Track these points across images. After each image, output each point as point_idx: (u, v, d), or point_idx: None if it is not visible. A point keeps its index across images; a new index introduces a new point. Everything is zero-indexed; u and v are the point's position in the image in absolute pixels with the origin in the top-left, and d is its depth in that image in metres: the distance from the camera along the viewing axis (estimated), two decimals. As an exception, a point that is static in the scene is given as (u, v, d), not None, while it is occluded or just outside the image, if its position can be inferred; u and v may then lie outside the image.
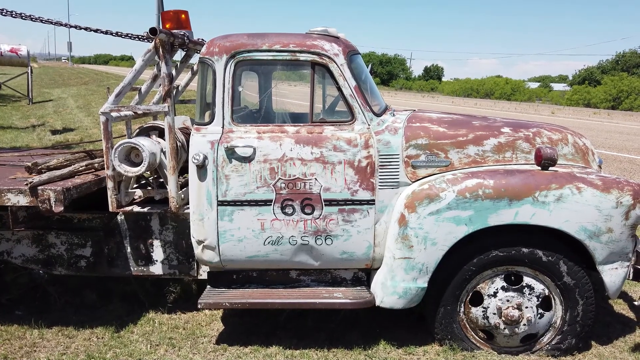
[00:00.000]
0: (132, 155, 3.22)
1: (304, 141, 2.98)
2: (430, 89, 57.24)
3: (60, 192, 3.02)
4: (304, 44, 3.02)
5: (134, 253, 3.44)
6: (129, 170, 3.14)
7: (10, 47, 20.11)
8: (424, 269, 2.88)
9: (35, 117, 15.21)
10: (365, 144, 2.97)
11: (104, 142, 3.19)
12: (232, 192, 3.00)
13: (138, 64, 3.24)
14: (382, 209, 2.99)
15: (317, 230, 3.01)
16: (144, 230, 3.41)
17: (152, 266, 3.45)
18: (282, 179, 2.98)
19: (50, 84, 28.92)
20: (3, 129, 12.39)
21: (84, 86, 26.74)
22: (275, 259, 3.09)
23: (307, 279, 3.22)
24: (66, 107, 17.69)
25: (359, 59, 3.37)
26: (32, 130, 12.78)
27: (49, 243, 3.44)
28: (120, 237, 3.43)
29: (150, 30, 3.00)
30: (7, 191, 3.05)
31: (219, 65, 3.02)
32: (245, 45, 3.03)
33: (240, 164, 2.99)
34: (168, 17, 3.53)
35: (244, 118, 3.19)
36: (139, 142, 3.13)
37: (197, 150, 3.01)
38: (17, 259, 3.47)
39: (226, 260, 3.11)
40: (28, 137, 11.61)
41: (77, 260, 3.46)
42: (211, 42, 3.10)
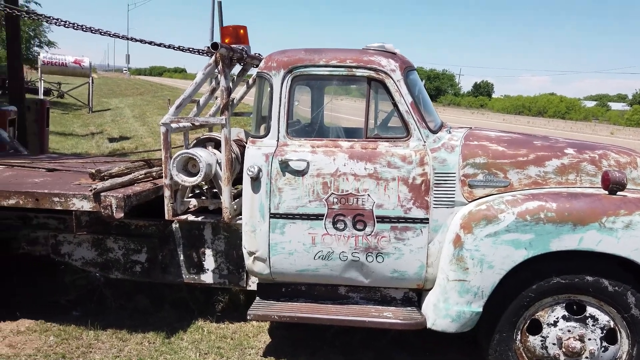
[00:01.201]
0: (189, 165, 3.30)
1: (358, 156, 2.97)
2: (480, 106, 56.07)
3: (121, 199, 3.14)
4: (361, 59, 3.02)
5: (186, 261, 3.51)
6: (186, 180, 3.22)
7: (75, 59, 21.33)
8: (479, 293, 2.78)
9: (95, 125, 16.00)
10: (420, 161, 2.92)
11: (163, 152, 3.29)
12: (284, 205, 3.02)
13: (198, 77, 3.34)
14: (436, 228, 2.92)
15: (369, 247, 2.98)
16: (196, 239, 3.48)
17: (203, 275, 3.51)
18: (335, 193, 2.97)
19: (109, 94, 30.40)
20: (65, 136, 13.09)
21: (139, 96, 27.93)
22: (324, 274, 3.07)
23: (356, 296, 3.18)
24: (123, 116, 18.51)
25: (415, 75, 3.34)
26: (91, 137, 13.44)
27: (107, 247, 3.57)
28: (174, 244, 3.52)
29: (212, 45, 3.09)
30: (73, 196, 3.19)
31: (276, 79, 3.07)
32: (303, 60, 3.07)
33: (294, 177, 3.01)
34: (228, 33, 3.63)
35: (298, 132, 3.21)
36: (197, 153, 3.21)
37: (252, 163, 3.06)
38: (77, 262, 3.62)
39: (276, 272, 3.12)
40: (87, 144, 12.22)
41: (132, 265, 3.57)
42: (269, 57, 3.16)
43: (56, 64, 20.66)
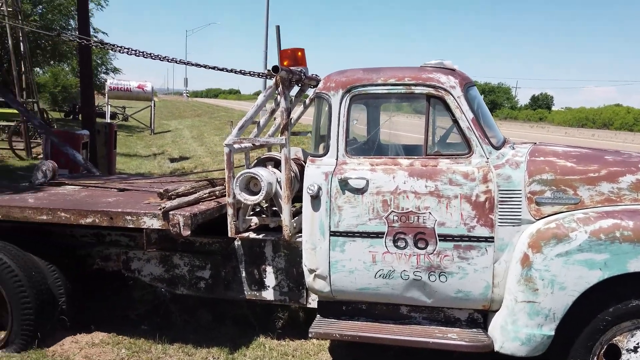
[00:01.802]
0: (251, 184, 3.40)
1: (418, 174, 2.95)
2: (539, 119, 53.96)
3: (188, 217, 3.27)
4: (420, 77, 3.02)
5: (248, 278, 3.59)
6: (248, 199, 3.32)
7: (138, 84, 22.59)
8: (550, 315, 2.65)
9: (156, 146, 16.80)
10: (483, 178, 2.86)
11: (226, 171, 3.40)
12: (344, 223, 3.04)
13: (260, 99, 3.45)
14: (502, 247, 2.84)
15: (431, 266, 2.93)
16: (258, 256, 3.56)
17: (264, 291, 3.57)
18: (395, 211, 2.96)
19: (169, 116, 31.86)
20: (130, 157, 13.82)
21: (197, 118, 29.09)
22: (385, 292, 3.05)
23: (418, 316, 3.13)
24: (182, 137, 19.31)
25: (475, 90, 3.30)
26: (154, 158, 14.11)
27: (173, 264, 3.72)
28: (236, 261, 3.61)
29: (272, 68, 3.19)
30: (143, 215, 3.36)
31: (335, 99, 3.12)
32: (361, 79, 3.11)
33: (353, 195, 3.02)
34: (286, 55, 3.74)
35: (357, 150, 3.24)
36: (258, 172, 3.30)
37: (311, 181, 3.11)
38: (146, 277, 3.79)
39: (337, 290, 3.13)
40: (150, 164, 12.83)
41: (197, 282, 3.69)
42: (328, 77, 3.22)
43: (121, 89, 21.97)
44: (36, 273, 3.49)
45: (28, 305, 3.38)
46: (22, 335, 3.41)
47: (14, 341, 3.43)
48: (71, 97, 29.44)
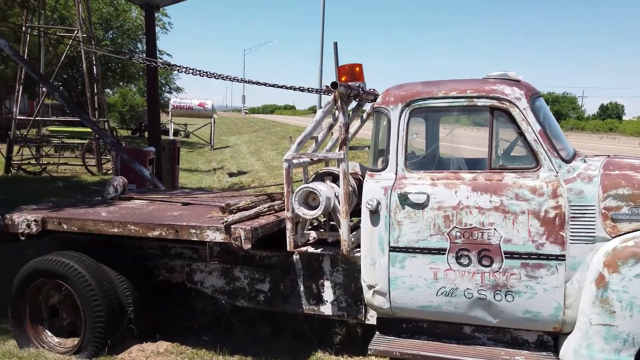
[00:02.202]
0: (310, 199, 3.43)
1: (482, 188, 2.86)
2: (608, 129, 50.97)
3: (249, 231, 3.34)
4: (482, 89, 2.95)
5: (306, 292, 3.60)
6: (307, 213, 3.34)
7: (199, 102, 23.57)
8: (629, 340, 2.47)
9: (216, 162, 17.38)
10: (553, 192, 2.73)
11: (285, 186, 3.45)
12: (404, 239, 2.99)
13: (318, 115, 3.49)
14: (574, 266, 2.68)
15: (496, 285, 2.82)
16: (316, 271, 3.57)
17: (322, 306, 3.56)
18: (457, 227, 2.88)
19: (227, 132, 32.93)
20: (191, 172, 14.37)
21: (254, 134, 29.86)
22: (448, 311, 2.96)
23: (482, 337, 3.00)
24: (240, 152, 19.87)
25: (541, 101, 3.17)
26: (213, 172, 14.59)
27: (234, 276, 3.80)
28: (295, 275, 3.63)
29: (331, 84, 3.22)
30: (207, 228, 3.47)
31: (394, 113, 3.10)
32: (421, 93, 3.07)
33: (413, 210, 2.97)
34: (344, 71, 3.77)
35: (417, 165, 3.19)
36: (317, 187, 3.32)
37: (370, 196, 3.09)
38: (208, 289, 3.89)
39: (397, 307, 3.07)
40: (210, 178, 13.27)
41: (257, 294, 3.75)
42: (387, 92, 3.21)
43: (184, 107, 23.01)
44: (107, 283, 3.68)
45: (100, 314, 3.56)
46: (94, 342, 3.59)
47: (86, 348, 3.61)
48: (137, 116, 31.17)
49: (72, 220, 3.79)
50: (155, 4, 8.08)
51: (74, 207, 4.31)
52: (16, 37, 14.73)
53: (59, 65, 14.74)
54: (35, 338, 3.79)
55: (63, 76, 21.93)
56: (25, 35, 13.78)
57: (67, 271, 3.58)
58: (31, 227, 3.85)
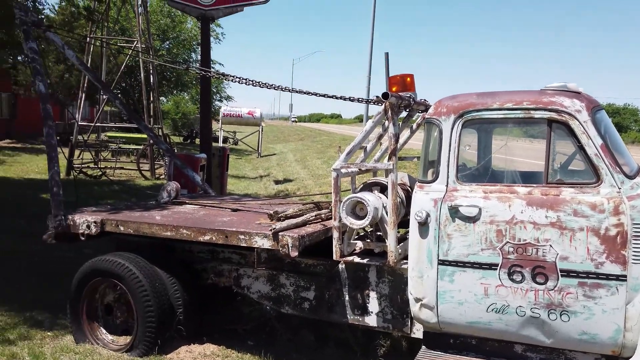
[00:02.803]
0: (357, 209, 3.42)
1: (538, 203, 2.76)
2: (678, 141, 47.87)
3: (297, 239, 3.37)
4: (540, 100, 2.86)
5: (351, 302, 3.59)
6: (354, 223, 3.34)
7: (248, 110, 24.11)
8: (698, 370, 2.31)
9: (262, 169, 17.67)
10: (614, 209, 2.60)
11: (333, 195, 3.47)
12: (454, 252, 2.93)
13: (368, 125, 3.49)
14: (637, 287, 2.54)
15: (551, 303, 2.70)
16: (361, 281, 3.55)
17: (367, 317, 3.54)
18: (511, 242, 2.79)
19: (274, 140, 33.43)
20: (238, 178, 14.68)
21: (300, 142, 30.15)
22: (498, 328, 2.86)
23: (534, 357, 2.89)
24: (286, 160, 20.11)
25: (603, 114, 3.04)
26: (260, 179, 14.84)
27: (280, 283, 3.84)
28: (340, 284, 3.63)
29: (382, 94, 3.22)
30: (255, 235, 3.54)
31: (446, 124, 3.06)
32: (475, 104, 3.01)
33: (464, 223, 2.91)
34: (395, 81, 3.76)
35: (468, 177, 3.13)
36: (365, 197, 3.32)
37: (419, 208, 3.05)
38: (254, 294, 3.95)
39: (444, 322, 3.01)
40: (257, 185, 13.51)
41: (301, 302, 3.77)
42: (439, 102, 3.17)
43: (233, 115, 23.60)
44: (159, 284, 3.81)
45: (151, 314, 3.69)
46: (145, 342, 3.72)
47: (137, 346, 3.75)
48: (189, 123, 32.26)
49: (129, 223, 3.96)
50: (211, 15, 8.37)
51: (130, 210, 4.51)
52: (80, 48, 15.63)
53: (119, 74, 15.50)
54: (90, 334, 3.96)
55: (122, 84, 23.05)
56: (89, 46, 14.60)
57: (122, 271, 3.74)
58: (91, 228, 4.05)
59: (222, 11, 8.40)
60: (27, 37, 4.62)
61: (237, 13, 8.51)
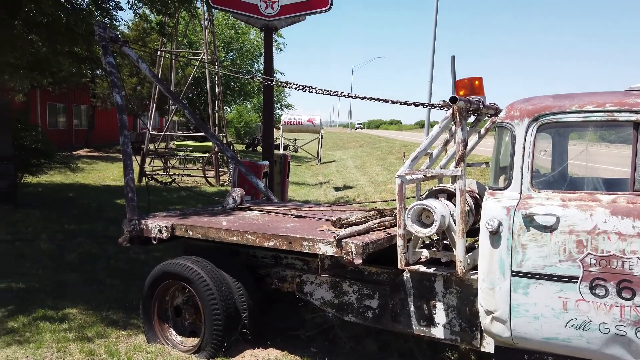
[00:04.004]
0: (423, 216, 3.33)
1: (623, 212, 2.56)
2: None
3: (360, 246, 3.33)
4: (625, 102, 2.65)
5: (416, 312, 3.49)
6: (420, 231, 3.25)
7: (308, 118, 24.40)
8: None
9: (322, 175, 17.77)
10: None
11: (397, 202, 3.39)
12: (528, 263, 2.77)
13: (435, 130, 3.40)
14: None
15: (639, 321, 2.48)
16: (427, 291, 3.45)
17: (434, 328, 3.43)
18: (592, 254, 2.60)
19: (334, 147, 33.58)
20: (299, 185, 14.85)
21: (360, 148, 30.08)
22: (578, 346, 2.67)
23: (620, 379, 2.66)
24: (346, 167, 20.12)
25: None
26: (320, 186, 14.93)
27: (343, 290, 3.81)
28: (405, 294, 3.55)
29: (450, 99, 3.13)
30: (319, 241, 3.53)
31: (519, 129, 2.91)
32: (551, 107, 2.85)
33: (540, 233, 2.75)
34: (462, 85, 3.64)
35: (544, 184, 2.96)
36: (431, 205, 3.22)
37: (491, 216, 2.92)
38: (317, 301, 3.94)
39: (518, 337, 2.85)
40: (316, 192, 13.59)
41: (365, 310, 3.72)
42: (511, 106, 3.03)
43: (293, 123, 23.98)
44: (225, 288, 3.90)
45: (218, 317, 3.78)
46: (212, 344, 3.81)
47: (205, 348, 3.85)
48: (251, 132, 33.16)
49: (197, 228, 4.09)
50: (274, 26, 8.55)
51: (198, 216, 4.66)
52: (152, 61, 16.51)
53: (187, 85, 16.21)
54: (161, 335, 4.12)
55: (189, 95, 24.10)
56: (160, 59, 15.39)
57: (191, 275, 3.86)
58: (162, 232, 4.23)
59: (284, 21, 8.56)
60: (106, 52, 4.92)
61: (299, 22, 8.64)
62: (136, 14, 10.96)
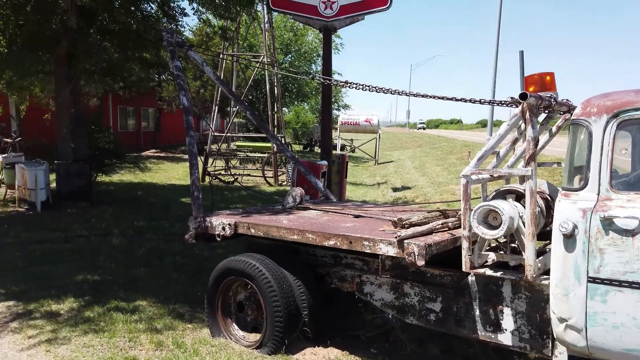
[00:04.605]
0: (490, 218, 3.21)
1: None
2: None
3: (423, 247, 3.26)
4: None
5: (482, 317, 3.37)
6: (487, 233, 3.13)
7: (366, 118, 24.29)
8: None
9: (380, 176, 17.63)
10: None
11: (462, 203, 3.29)
12: (607, 269, 2.60)
13: (502, 128, 3.27)
14: None
15: None
16: (494, 295, 3.32)
17: (500, 334, 3.29)
18: (681, 261, 2.39)
19: (391, 147, 33.23)
20: (356, 185, 14.80)
21: (418, 148, 29.57)
22: (665, 360, 2.47)
23: None
24: (404, 167, 19.84)
25: None
26: (377, 187, 14.81)
27: (404, 292, 3.74)
28: (470, 298, 3.43)
29: (520, 95, 2.99)
30: (380, 241, 3.49)
31: (597, 126, 2.74)
32: (633, 102, 2.66)
33: (620, 237, 2.57)
34: (532, 81, 3.48)
35: (625, 184, 2.76)
36: (499, 206, 3.10)
37: (565, 218, 2.76)
38: (377, 302, 3.90)
39: (595, 347, 2.67)
40: (374, 192, 13.49)
41: (427, 313, 3.63)
42: (587, 102, 2.86)
43: (351, 123, 23.96)
44: (286, 286, 3.94)
45: (279, 314, 3.83)
46: (273, 340, 3.87)
47: (266, 344, 3.92)
48: (308, 132, 33.47)
49: (259, 226, 4.17)
50: (333, 26, 8.58)
51: (260, 214, 4.75)
52: (214, 64, 17.09)
53: (247, 87, 16.63)
54: (224, 329, 4.24)
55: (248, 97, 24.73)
56: (222, 62, 15.89)
57: (254, 272, 3.94)
58: (225, 230, 4.35)
59: (343, 21, 8.57)
60: (173, 57, 5.13)
61: (358, 22, 8.62)
62: (200, 19, 11.37)
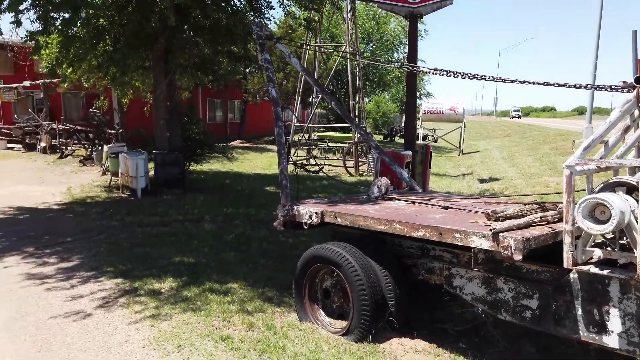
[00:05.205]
0: (597, 211, 2.98)
1: None
2: None
3: (521, 241, 3.10)
4: None
5: (585, 317, 3.15)
6: (594, 228, 2.91)
7: (450, 106, 23.51)
8: None
9: (465, 167, 17.00)
10: None
11: (565, 195, 3.09)
12: None
13: (613, 115, 3.01)
14: None
15: None
16: (599, 295, 3.08)
17: (606, 336, 3.06)
18: None
19: (477, 136, 31.87)
20: (439, 176, 14.40)
21: (507, 138, 28.09)
22: None
23: None
24: (491, 157, 18.95)
25: None
26: (462, 178, 14.30)
27: (497, 287, 3.59)
28: (571, 296, 3.21)
29: (635, 79, 2.73)
30: (472, 234, 3.37)
31: None
32: None
33: None
34: (649, 61, 3.15)
35: None
36: (608, 199, 2.86)
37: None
38: (467, 296, 3.78)
39: None
40: (459, 184, 13.05)
41: (522, 310, 3.46)
42: None
43: (434, 112, 23.31)
44: (372, 276, 3.94)
45: (366, 302, 3.85)
46: (360, 328, 3.90)
47: (353, 331, 3.95)
48: (389, 122, 33.06)
49: (346, 215, 4.20)
50: (419, 12, 8.36)
51: (345, 204, 4.78)
52: (296, 55, 17.38)
53: (329, 77, 16.74)
54: (311, 315, 4.34)
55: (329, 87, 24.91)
56: (305, 53, 16.12)
57: (341, 260, 3.98)
58: (312, 218, 4.43)
59: (430, 7, 8.31)
60: (262, 49, 5.28)
61: (445, 7, 8.32)
62: (285, 11, 11.58)
